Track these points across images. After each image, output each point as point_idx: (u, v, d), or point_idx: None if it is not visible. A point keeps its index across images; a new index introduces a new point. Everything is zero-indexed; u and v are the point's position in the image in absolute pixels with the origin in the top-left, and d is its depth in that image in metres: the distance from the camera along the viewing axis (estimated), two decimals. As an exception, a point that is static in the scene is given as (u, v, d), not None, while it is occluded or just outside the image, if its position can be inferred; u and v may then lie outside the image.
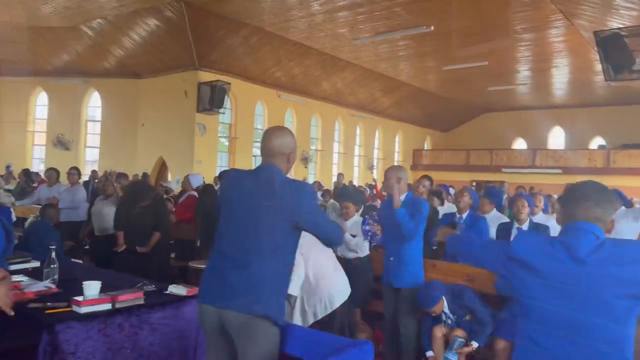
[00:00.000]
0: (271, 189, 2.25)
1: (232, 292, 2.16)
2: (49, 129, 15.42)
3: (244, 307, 2.13)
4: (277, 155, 2.33)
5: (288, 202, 2.22)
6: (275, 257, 2.22)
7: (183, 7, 11.13)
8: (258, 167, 2.38)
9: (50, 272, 2.71)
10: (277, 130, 2.42)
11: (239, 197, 2.33)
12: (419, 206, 3.76)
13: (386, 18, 11.54)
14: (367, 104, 19.41)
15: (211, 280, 2.25)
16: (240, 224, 2.27)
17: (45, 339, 2.06)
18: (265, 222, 2.22)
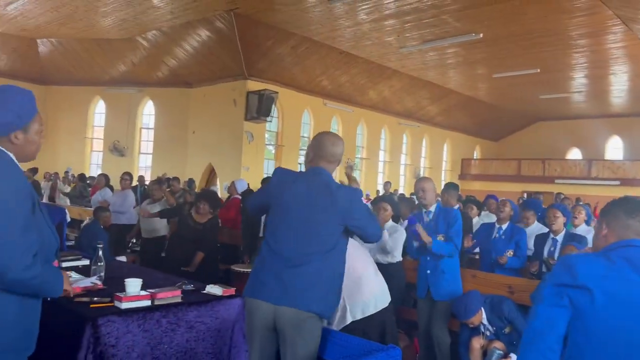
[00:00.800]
0: (327, 193, 2.39)
1: (289, 289, 2.27)
2: (106, 136, 16.18)
3: (301, 304, 2.26)
4: (330, 160, 2.48)
5: (343, 206, 2.37)
6: (329, 257, 2.35)
7: (233, 18, 11.46)
8: (311, 170, 2.49)
9: (97, 270, 2.87)
10: (334, 137, 2.56)
11: (292, 197, 2.43)
12: (451, 217, 3.74)
13: (434, 26, 11.45)
14: (414, 112, 19.24)
15: (265, 277, 2.35)
16: (295, 224, 2.38)
17: (89, 331, 2.18)
18: (321, 223, 2.36)
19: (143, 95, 15.98)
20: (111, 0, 11.11)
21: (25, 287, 1.67)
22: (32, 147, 1.82)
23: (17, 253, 1.59)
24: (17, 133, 1.75)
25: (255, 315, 2.35)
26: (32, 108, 1.81)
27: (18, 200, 1.65)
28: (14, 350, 1.71)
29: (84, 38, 14.07)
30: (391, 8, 10.63)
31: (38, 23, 12.97)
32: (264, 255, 2.41)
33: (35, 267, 1.63)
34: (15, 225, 1.61)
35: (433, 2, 10.17)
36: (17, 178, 1.70)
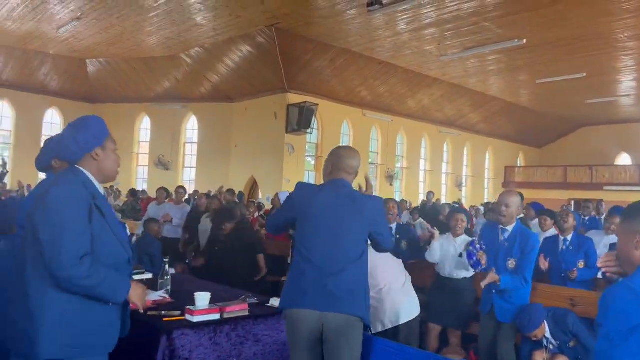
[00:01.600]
0: (354, 202, 2.53)
1: (334, 295, 2.37)
2: (151, 150, 16.66)
3: (346, 309, 2.37)
4: (349, 172, 2.63)
5: (370, 214, 2.53)
6: (361, 263, 2.49)
7: (274, 33, 11.66)
8: (333, 182, 2.61)
9: (164, 283, 2.96)
10: (351, 150, 2.71)
11: (320, 208, 2.54)
12: (528, 244, 3.46)
13: (474, 33, 11.33)
14: (455, 120, 19.01)
15: (307, 287, 2.42)
16: (326, 233, 2.48)
17: (164, 343, 2.25)
18: (351, 232, 2.49)
19: (187, 111, 16.40)
20: (156, 20, 11.51)
21: (78, 288, 1.85)
22: (113, 164, 2.13)
23: (64, 255, 1.80)
24: (97, 150, 2.05)
25: (301, 326, 2.40)
26: (105, 129, 2.12)
27: (69, 208, 1.87)
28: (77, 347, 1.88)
29: (130, 57, 14.60)
30: (431, 17, 10.59)
31: (88, 44, 13.54)
32: (300, 266, 2.48)
33: (81, 268, 1.82)
34: (63, 230, 1.83)
35: (474, 10, 10.08)
36: (74, 189, 1.93)
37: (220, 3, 10.37)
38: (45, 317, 1.84)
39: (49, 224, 1.85)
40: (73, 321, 1.87)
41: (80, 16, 11.35)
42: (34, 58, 14.69)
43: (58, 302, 1.86)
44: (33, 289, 1.88)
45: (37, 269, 1.88)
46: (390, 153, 17.38)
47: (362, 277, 2.48)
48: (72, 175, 2.00)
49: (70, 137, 2.02)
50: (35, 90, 15.81)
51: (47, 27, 12.24)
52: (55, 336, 1.84)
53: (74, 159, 2.03)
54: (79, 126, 2.06)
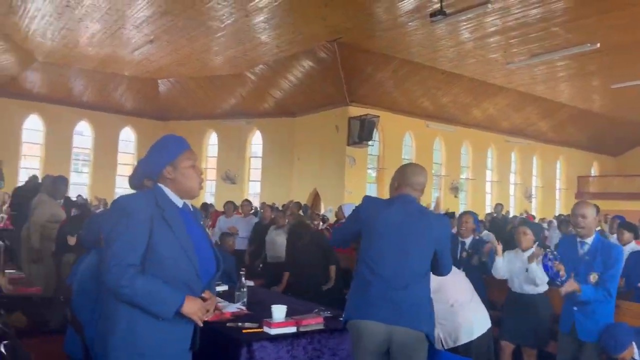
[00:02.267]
0: (422, 219, 2.57)
1: (402, 310, 2.39)
2: (219, 165, 17.23)
3: (415, 324, 2.38)
4: (415, 189, 2.66)
5: (437, 231, 2.56)
6: (425, 280, 2.53)
7: (335, 47, 11.81)
8: (401, 197, 2.64)
9: (241, 295, 3.05)
10: (418, 167, 2.76)
11: (387, 223, 2.55)
12: (611, 258, 3.26)
13: (542, 39, 10.96)
14: (522, 129, 18.35)
15: (373, 299, 2.43)
16: (393, 248, 2.50)
17: (245, 355, 2.33)
18: (418, 248, 2.52)
19: (251, 126, 16.86)
20: (223, 40, 11.98)
21: (120, 295, 1.90)
22: (189, 181, 2.11)
23: (110, 260, 1.88)
24: (167, 168, 2.07)
25: (368, 337, 2.40)
26: (177, 146, 2.13)
27: (121, 218, 1.94)
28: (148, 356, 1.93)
29: (198, 76, 15.25)
30: (496, 25, 10.36)
31: (159, 65, 14.28)
32: (368, 279, 2.49)
33: (122, 276, 1.86)
34: (115, 239, 1.91)
35: (542, 16, 9.77)
36: (135, 201, 2.00)
37: (284, 21, 10.65)
38: (115, 325, 1.92)
39: (107, 231, 1.98)
40: (140, 333, 1.91)
41: (152, 39, 12.01)
42: (111, 80, 15.66)
43: (126, 313, 1.92)
44: (106, 299, 1.97)
45: None
46: (455, 164, 17.02)
47: (427, 293, 2.52)
48: (148, 189, 2.09)
49: (146, 157, 2.14)
50: (112, 109, 16.82)
51: (123, 50, 13.04)
52: (121, 345, 1.90)
53: (153, 178, 2.12)
54: (154, 147, 2.15)
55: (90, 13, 10.63)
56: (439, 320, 3.32)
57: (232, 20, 10.64)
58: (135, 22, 11.01)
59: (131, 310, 1.91)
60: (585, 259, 3.37)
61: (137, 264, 1.91)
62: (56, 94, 15.69)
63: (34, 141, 16.20)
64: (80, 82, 15.50)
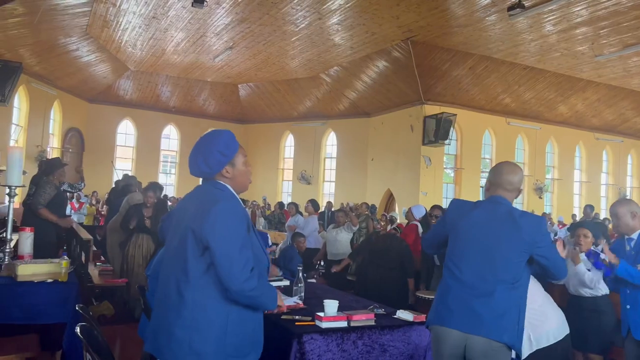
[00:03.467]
0: (511, 221, 2.37)
1: (481, 318, 2.28)
2: (295, 166, 17.63)
3: (494, 334, 2.26)
4: (508, 189, 2.48)
5: (528, 233, 2.33)
6: (515, 287, 2.33)
7: (409, 46, 11.67)
8: (490, 199, 2.50)
9: (298, 290, 3.15)
10: (511, 165, 2.58)
11: (472, 226, 2.44)
12: None
13: (636, 28, 10.15)
14: (615, 126, 17.06)
15: (453, 305, 2.36)
16: (478, 253, 2.38)
17: (296, 346, 2.41)
18: (506, 252, 2.33)
19: (326, 127, 17.09)
20: (298, 44, 12.25)
21: (245, 298, 1.94)
22: (243, 178, 2.14)
23: (238, 268, 1.89)
24: (227, 168, 2.07)
25: (444, 344, 2.35)
26: (234, 144, 2.10)
27: (237, 224, 1.95)
28: (238, 356, 1.97)
29: (275, 80, 15.71)
30: (583, 15, 9.74)
31: (239, 70, 14.88)
32: (448, 284, 2.42)
33: (252, 280, 1.91)
34: (236, 244, 1.91)
35: (635, 3, 9.04)
36: (236, 205, 2.02)
37: (357, 22, 10.71)
38: (212, 329, 1.91)
39: (220, 239, 1.89)
40: (235, 331, 1.95)
41: (232, 46, 12.55)
42: (195, 86, 16.56)
43: (221, 314, 1.93)
44: (200, 302, 1.93)
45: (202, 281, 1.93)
46: (539, 163, 16.18)
47: (515, 301, 2.32)
48: (221, 190, 2.04)
49: (201, 158, 2.05)
50: (196, 114, 17.78)
51: (205, 57, 13.73)
52: (222, 347, 1.92)
53: (211, 176, 2.08)
54: (208, 145, 2.07)
55: (174, 23, 11.32)
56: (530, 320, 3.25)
57: (306, 23, 10.86)
58: (216, 30, 11.56)
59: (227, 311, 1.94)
60: (632, 254, 3.25)
61: (256, 267, 1.98)
62: (146, 100, 16.86)
63: (127, 144, 17.51)
64: (167, 88, 16.54)
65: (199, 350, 1.89)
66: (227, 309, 1.94)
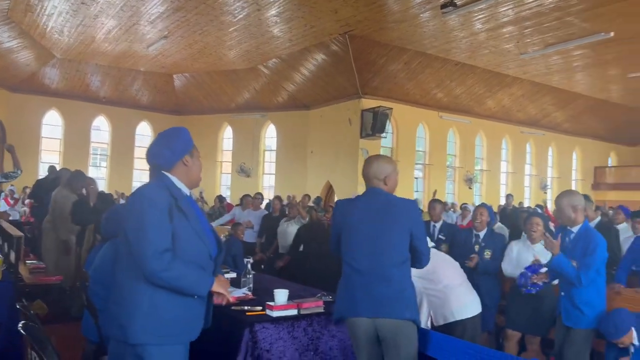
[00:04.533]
0: (391, 206, 2.58)
1: (382, 301, 2.47)
2: (234, 159, 17.43)
3: (396, 314, 2.46)
4: (379, 178, 2.66)
5: (406, 214, 2.57)
6: (406, 267, 2.56)
7: (347, 40, 11.85)
8: (368, 191, 2.72)
9: (247, 281, 3.18)
10: (381, 158, 2.83)
11: (357, 219, 2.63)
12: (589, 246, 3.31)
13: (557, 29, 10.86)
14: (538, 120, 18.19)
15: (357, 295, 2.52)
16: (367, 242, 2.55)
17: (247, 335, 2.45)
18: (392, 236, 2.53)
19: (265, 120, 17.01)
20: (236, 34, 12.09)
21: (160, 281, 2.03)
22: (197, 169, 2.33)
23: (149, 251, 2.00)
24: (187, 157, 2.26)
25: (358, 332, 2.53)
26: (191, 139, 2.34)
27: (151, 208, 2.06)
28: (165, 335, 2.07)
29: (212, 71, 15.42)
30: (509, 15, 10.29)
31: (174, 60, 14.48)
32: (349, 276, 2.58)
33: (161, 261, 2.00)
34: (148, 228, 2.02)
35: (556, 5, 9.67)
36: (155, 191, 2.14)
37: (295, 14, 10.72)
38: (136, 307, 2.04)
39: (133, 222, 2.07)
40: (160, 311, 2.05)
41: (167, 35, 12.19)
42: (127, 75, 15.93)
43: (147, 293, 2.05)
44: (126, 282, 2.10)
45: (128, 264, 2.09)
46: (469, 155, 16.96)
47: (408, 279, 2.54)
48: (158, 180, 2.20)
49: (164, 145, 2.24)
50: (128, 105, 17.11)
51: (138, 46, 13.25)
52: (144, 323, 2.03)
53: (167, 165, 2.23)
54: (171, 135, 2.28)
55: (105, 10, 10.84)
56: (430, 298, 3.46)
57: (244, 14, 10.74)
58: (149, 18, 11.18)
59: (153, 292, 2.05)
60: (569, 247, 3.45)
61: (171, 248, 2.05)
62: (74, 89, 16.03)
63: (54, 136, 16.58)
64: (97, 77, 15.80)
65: (124, 324, 2.04)
66: (151, 291, 2.05)
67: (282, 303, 2.70)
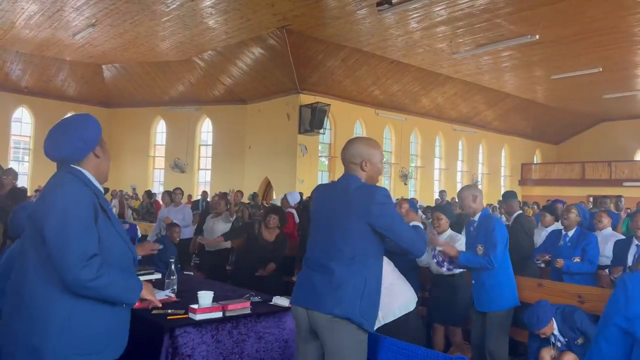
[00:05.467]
0: (346, 195, 2.32)
1: (316, 294, 2.27)
2: (167, 153, 16.87)
3: (325, 307, 2.22)
4: (352, 162, 2.41)
5: (361, 204, 2.26)
6: (355, 262, 2.26)
7: (285, 35, 11.72)
8: (341, 177, 2.49)
9: (171, 283, 3.02)
10: (348, 142, 2.52)
11: (318, 207, 2.50)
12: (489, 229, 3.53)
13: (487, 30, 11.25)
14: (469, 118, 18.88)
15: (302, 284, 2.39)
16: (320, 231, 2.41)
17: (167, 341, 2.31)
18: (343, 225, 2.29)
19: (201, 114, 16.57)
20: (169, 25, 11.65)
21: (85, 290, 1.77)
22: (108, 163, 2.07)
23: (72, 257, 1.74)
24: (98, 148, 1.99)
25: (297, 321, 2.40)
26: (100, 129, 2.04)
27: (75, 209, 1.81)
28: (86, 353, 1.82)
29: (144, 62, 14.81)
30: (442, 15, 10.55)
31: (103, 50, 13.77)
32: (304, 265, 2.47)
33: (90, 270, 1.75)
34: (71, 231, 1.77)
35: (486, 7, 10.02)
36: (79, 190, 1.87)
37: (231, 6, 10.47)
38: (52, 324, 1.77)
39: (54, 225, 1.77)
40: (80, 327, 1.80)
41: (94, 23, 11.55)
42: (52, 65, 14.99)
43: (65, 307, 1.78)
44: (38, 294, 1.80)
45: (41, 272, 1.80)
46: (404, 152, 17.33)
47: (356, 275, 2.25)
48: (72, 175, 1.92)
49: (72, 135, 1.93)
50: (53, 96, 16.12)
51: (63, 34, 12.48)
52: (62, 344, 1.77)
53: (77, 157, 1.95)
54: (79, 124, 1.98)
55: (25, -7, 10.12)
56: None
57: (178, 4, 10.36)
58: (75, 4, 10.55)
59: (72, 305, 1.79)
60: (474, 234, 3.69)
61: (97, 253, 1.80)
62: (-9, 78, 14.92)
63: (-32, 128, 15.36)
64: (17, 66, 14.77)
65: (37, 345, 1.75)
66: (70, 303, 1.79)
67: (206, 305, 2.57)
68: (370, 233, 2.27)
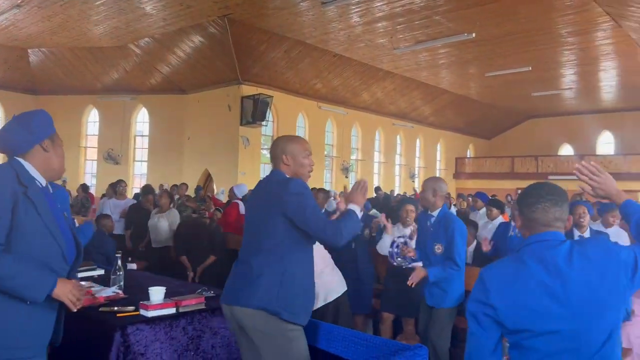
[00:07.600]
0: (267, 190, 2.38)
1: (235, 289, 2.27)
2: (100, 144, 16.08)
3: (242, 301, 2.21)
4: (278, 158, 2.44)
5: (276, 196, 2.28)
6: (273, 253, 2.25)
7: (226, 23, 11.47)
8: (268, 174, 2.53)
9: (117, 279, 2.88)
10: (278, 138, 2.56)
11: (250, 204, 2.54)
12: (449, 229, 3.49)
13: (426, 27, 11.54)
14: (407, 113, 19.35)
15: (227, 282, 2.37)
16: (249, 225, 2.42)
17: (118, 339, 2.19)
18: (262, 220, 2.32)
19: (136, 103, 15.92)
20: (103, 8, 11.08)
21: None
22: (59, 159, 2.03)
23: None
24: (47, 141, 1.97)
25: (226, 319, 2.38)
26: (53, 124, 2.07)
27: None
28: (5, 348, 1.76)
29: (75, 47, 14.01)
30: (383, 10, 10.70)
31: (29, 33, 12.89)
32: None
33: None
34: None
35: (425, 4, 10.26)
36: None
37: (170, -8, 10.11)
38: None
39: None
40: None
41: (20, 3, 10.78)
42: (-30, 47, 13.87)
43: None
44: None
45: None
46: (346, 145, 17.52)
47: (272, 266, 2.22)
48: (8, 165, 1.89)
49: (20, 125, 1.94)
50: (-28, 81, 14.94)
51: (-17, 14, 11.56)
52: None
53: (22, 148, 1.92)
54: (27, 116, 1.99)
55: (-61, -33, 9.27)
56: None
57: (113, -13, 9.88)
58: (-2, -19, 9.80)
59: None
60: (431, 231, 3.65)
61: (2, 243, 1.74)
62: None
63: None
64: None
65: None
66: None
67: (158, 301, 2.47)
68: (287, 224, 2.26)
